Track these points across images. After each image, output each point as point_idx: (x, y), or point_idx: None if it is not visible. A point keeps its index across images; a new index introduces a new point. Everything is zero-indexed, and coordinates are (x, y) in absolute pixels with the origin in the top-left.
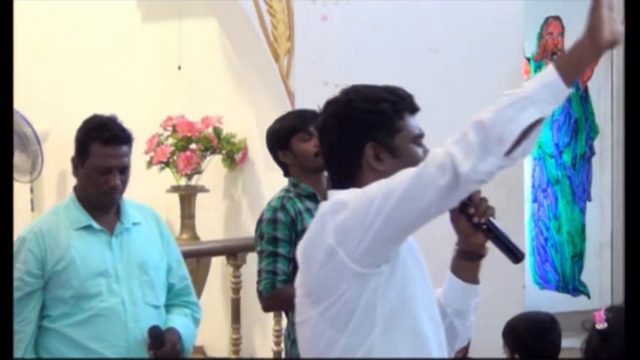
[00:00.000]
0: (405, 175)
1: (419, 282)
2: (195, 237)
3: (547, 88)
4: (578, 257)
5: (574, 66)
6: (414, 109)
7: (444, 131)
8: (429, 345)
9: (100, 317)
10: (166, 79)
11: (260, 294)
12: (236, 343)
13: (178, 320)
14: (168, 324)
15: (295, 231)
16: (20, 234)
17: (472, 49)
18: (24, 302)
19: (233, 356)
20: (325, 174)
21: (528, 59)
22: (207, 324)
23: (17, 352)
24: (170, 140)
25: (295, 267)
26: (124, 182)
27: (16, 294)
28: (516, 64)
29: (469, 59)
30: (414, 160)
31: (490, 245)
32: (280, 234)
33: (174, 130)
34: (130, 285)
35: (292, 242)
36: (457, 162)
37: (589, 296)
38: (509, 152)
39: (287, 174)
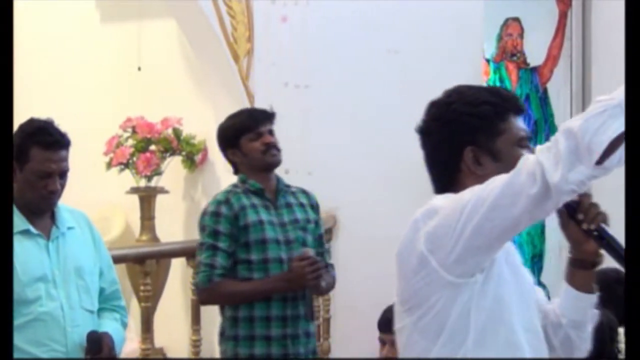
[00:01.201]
0: (496, 183)
1: (515, 292)
2: (155, 239)
3: None
4: (538, 258)
5: None
6: (518, 110)
7: (404, 132)
8: (523, 357)
9: (39, 321)
10: (125, 80)
11: (196, 286)
12: (196, 344)
13: (110, 325)
14: (101, 328)
15: (237, 226)
16: None
17: (431, 50)
18: None
19: (193, 357)
20: (275, 172)
21: (487, 61)
22: (167, 326)
23: None
24: (130, 142)
25: (236, 262)
26: (63, 187)
27: None
28: (476, 65)
29: (428, 60)
30: (517, 164)
31: None
32: (221, 228)
33: (134, 131)
34: (68, 290)
35: (234, 237)
36: (546, 171)
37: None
38: (601, 161)
39: (237, 171)
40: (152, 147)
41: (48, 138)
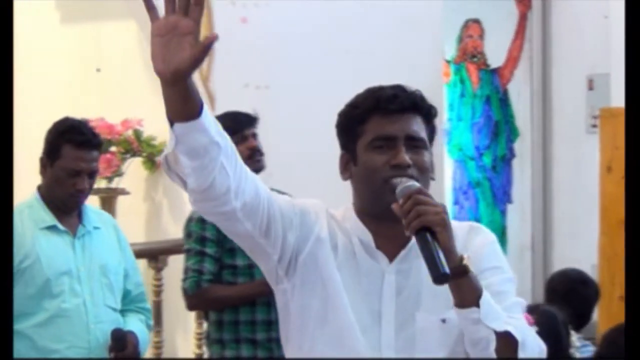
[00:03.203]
0: None
1: (320, 304)
2: None
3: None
4: None
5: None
6: (388, 110)
7: None
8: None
9: (61, 317)
10: (85, 81)
11: (185, 292)
12: (158, 346)
13: (135, 325)
14: (126, 327)
15: (223, 232)
16: None
17: (391, 51)
18: None
19: (155, 358)
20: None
21: (448, 62)
22: None
23: None
24: None
25: (221, 267)
26: (91, 187)
27: None
28: (436, 67)
29: (388, 62)
30: (369, 167)
31: None
32: (208, 234)
33: None
34: (92, 286)
35: (220, 242)
36: None
37: None
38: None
39: None
40: (113, 149)
41: (80, 137)
